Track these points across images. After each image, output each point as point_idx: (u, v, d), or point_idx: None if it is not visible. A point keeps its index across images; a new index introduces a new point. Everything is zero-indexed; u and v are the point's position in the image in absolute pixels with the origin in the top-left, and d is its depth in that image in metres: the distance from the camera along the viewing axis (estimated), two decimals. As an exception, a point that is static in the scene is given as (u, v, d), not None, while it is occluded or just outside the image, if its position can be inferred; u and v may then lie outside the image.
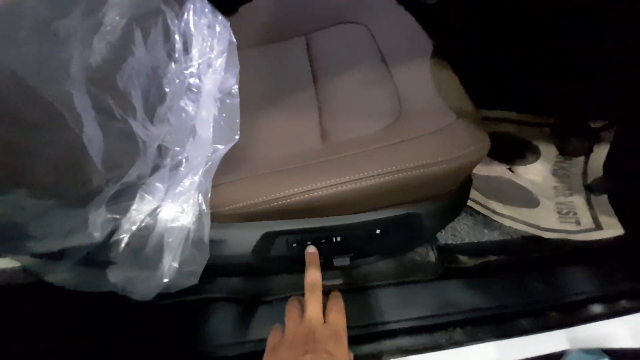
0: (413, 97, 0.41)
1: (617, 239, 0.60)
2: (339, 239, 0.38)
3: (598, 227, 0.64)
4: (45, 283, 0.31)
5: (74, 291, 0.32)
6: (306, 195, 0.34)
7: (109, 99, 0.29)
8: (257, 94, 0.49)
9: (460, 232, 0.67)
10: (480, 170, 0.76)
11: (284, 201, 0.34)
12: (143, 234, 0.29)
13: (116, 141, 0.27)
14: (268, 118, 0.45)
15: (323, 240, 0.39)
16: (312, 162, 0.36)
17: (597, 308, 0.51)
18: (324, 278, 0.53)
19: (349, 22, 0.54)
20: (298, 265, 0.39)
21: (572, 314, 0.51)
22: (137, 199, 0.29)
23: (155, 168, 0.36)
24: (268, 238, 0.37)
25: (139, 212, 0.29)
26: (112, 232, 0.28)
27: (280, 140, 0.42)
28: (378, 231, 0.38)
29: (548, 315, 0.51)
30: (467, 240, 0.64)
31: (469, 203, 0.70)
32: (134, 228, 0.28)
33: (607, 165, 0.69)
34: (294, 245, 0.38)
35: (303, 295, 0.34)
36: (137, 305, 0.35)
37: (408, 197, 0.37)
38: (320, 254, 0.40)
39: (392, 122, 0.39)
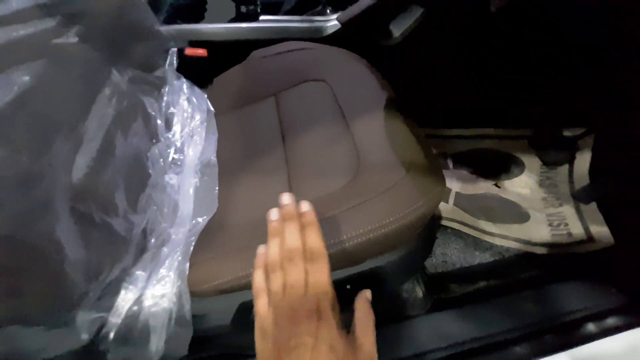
0: (369, 150, 0.44)
1: (608, 249, 0.59)
2: None
3: (590, 238, 0.63)
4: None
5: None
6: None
7: (91, 205, 0.33)
8: (231, 159, 0.53)
9: (450, 256, 0.67)
10: (467, 189, 0.77)
11: None
12: (129, 323, 0.32)
13: (98, 249, 0.31)
14: (241, 182, 0.49)
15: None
16: None
17: (592, 326, 0.50)
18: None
19: (312, 80, 0.58)
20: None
21: (569, 335, 0.51)
22: (121, 292, 0.33)
23: (140, 252, 0.40)
24: (245, 306, 0.40)
25: (124, 303, 0.33)
26: (100, 328, 0.31)
27: (253, 204, 0.46)
28: (348, 287, 0.40)
29: (544, 339, 0.51)
30: (457, 266, 0.65)
31: (457, 226, 0.71)
32: (119, 321, 0.32)
33: (592, 171, 0.68)
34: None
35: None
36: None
37: (370, 254, 0.39)
38: None
39: (351, 179, 0.42)
